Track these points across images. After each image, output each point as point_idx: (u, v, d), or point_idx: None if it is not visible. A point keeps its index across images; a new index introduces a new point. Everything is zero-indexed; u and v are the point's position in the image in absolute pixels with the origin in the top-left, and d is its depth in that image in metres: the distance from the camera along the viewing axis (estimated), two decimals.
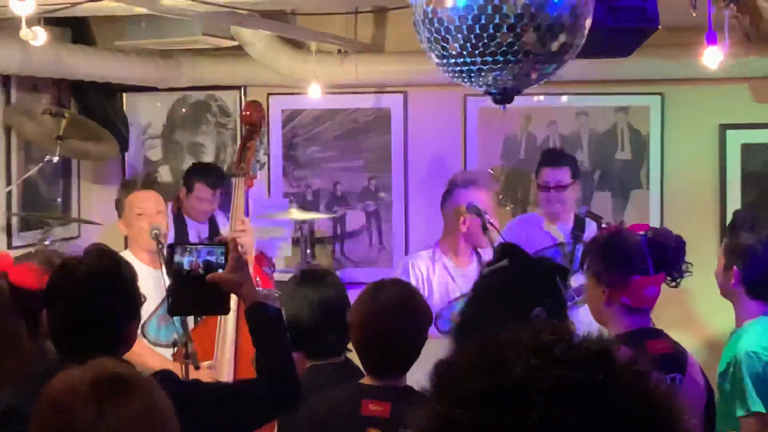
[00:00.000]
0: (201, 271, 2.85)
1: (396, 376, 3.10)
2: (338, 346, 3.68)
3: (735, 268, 3.78)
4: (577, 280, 5.10)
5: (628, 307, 3.21)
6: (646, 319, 3.27)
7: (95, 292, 2.61)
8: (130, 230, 4.71)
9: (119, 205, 4.76)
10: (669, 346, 3.23)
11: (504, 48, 2.79)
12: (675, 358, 3.21)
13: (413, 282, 4.69)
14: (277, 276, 5.92)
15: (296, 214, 6.10)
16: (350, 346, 3.68)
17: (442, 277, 4.76)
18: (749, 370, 3.61)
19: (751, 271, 3.75)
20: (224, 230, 5.81)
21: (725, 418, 3.61)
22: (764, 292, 3.78)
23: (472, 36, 2.79)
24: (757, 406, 3.57)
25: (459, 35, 2.81)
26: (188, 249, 2.89)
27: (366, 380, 3.16)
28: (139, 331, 2.86)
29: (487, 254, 4.87)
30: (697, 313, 6.11)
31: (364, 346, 3.16)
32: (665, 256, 3.23)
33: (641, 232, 3.32)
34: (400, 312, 3.11)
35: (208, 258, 2.86)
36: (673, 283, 3.33)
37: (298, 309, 3.60)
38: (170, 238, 5.44)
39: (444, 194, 5.03)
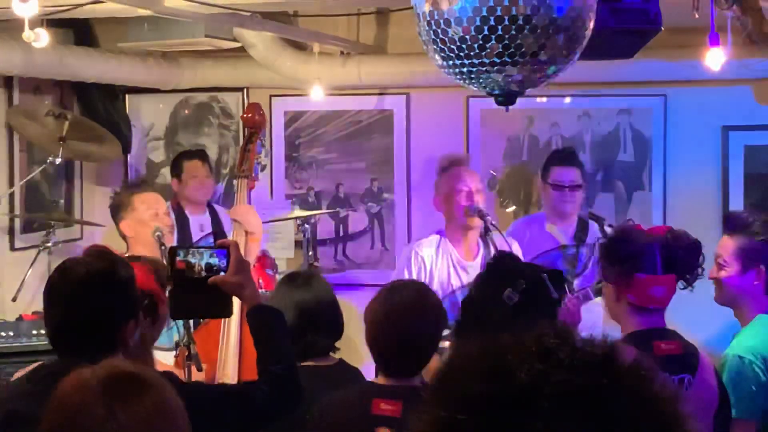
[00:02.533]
0: (203, 273, 2.84)
1: (409, 375, 3.11)
2: (324, 347, 3.71)
3: (762, 267, 3.73)
4: (581, 283, 5.10)
5: (636, 306, 3.20)
6: (656, 320, 3.25)
7: (91, 293, 2.61)
8: (140, 231, 4.64)
9: (121, 207, 4.70)
10: (677, 347, 3.21)
11: (506, 50, 2.79)
12: (684, 360, 3.20)
13: (414, 271, 4.70)
14: (280, 278, 5.93)
15: (299, 212, 6.13)
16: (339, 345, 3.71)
17: (445, 267, 4.74)
18: (730, 374, 3.57)
19: None
20: (225, 218, 5.81)
21: None
22: None
23: (475, 38, 2.79)
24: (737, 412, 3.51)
25: (461, 37, 2.81)
26: (191, 251, 2.89)
27: (379, 380, 3.18)
28: None
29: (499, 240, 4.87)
30: (699, 315, 6.09)
31: (378, 346, 3.17)
32: (675, 257, 3.22)
33: (660, 234, 3.31)
34: (415, 312, 3.13)
35: (211, 260, 2.85)
36: (686, 286, 3.32)
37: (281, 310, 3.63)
38: (175, 236, 5.44)
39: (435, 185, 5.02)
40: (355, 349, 5.60)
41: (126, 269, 2.72)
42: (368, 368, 5.43)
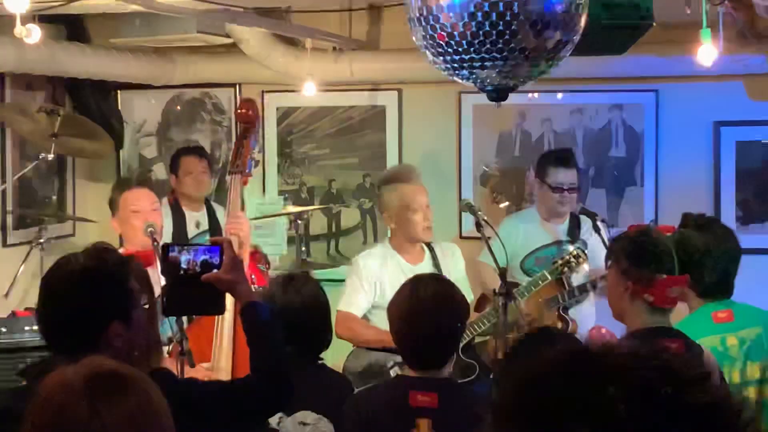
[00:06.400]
0: (197, 270, 2.84)
1: (438, 367, 3.16)
2: (305, 360, 3.67)
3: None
4: (574, 280, 5.12)
5: (650, 305, 3.24)
6: (665, 319, 3.30)
7: (77, 290, 2.59)
8: (124, 227, 4.70)
9: (113, 204, 4.74)
10: (680, 347, 3.23)
11: (498, 45, 2.80)
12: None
13: (364, 279, 4.77)
14: (272, 274, 5.92)
15: (291, 208, 6.13)
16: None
17: (395, 274, 4.77)
18: None
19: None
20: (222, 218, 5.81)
21: None
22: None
23: (467, 33, 2.79)
24: None
25: (453, 32, 2.82)
26: (185, 248, 2.89)
27: (409, 372, 3.21)
28: None
29: (445, 251, 4.92)
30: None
31: (406, 340, 3.22)
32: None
33: (668, 234, 3.35)
34: (440, 305, 3.17)
35: (204, 257, 2.85)
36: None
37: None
38: (168, 231, 5.44)
39: (380, 200, 5.07)
40: (345, 343, 5.59)
41: (119, 269, 2.68)
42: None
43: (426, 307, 3.17)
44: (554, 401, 1.00)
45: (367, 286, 4.82)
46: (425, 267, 4.88)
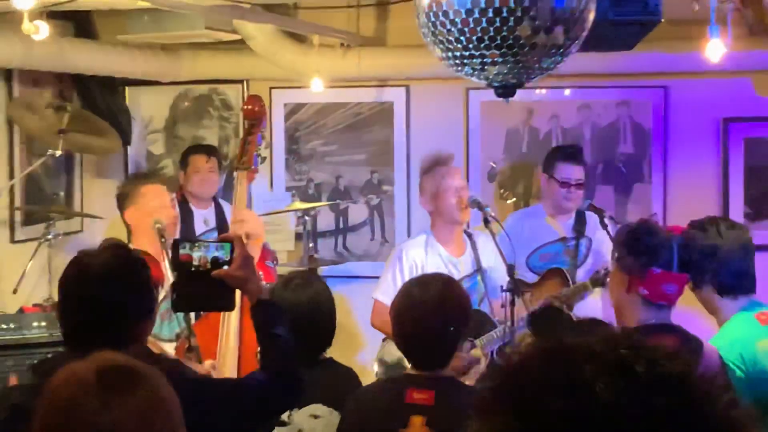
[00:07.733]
0: (208, 266, 2.84)
1: (439, 366, 3.17)
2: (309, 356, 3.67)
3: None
4: (579, 277, 5.12)
5: (646, 299, 3.22)
6: (662, 315, 3.26)
7: (106, 290, 2.60)
8: (144, 221, 4.61)
9: (125, 197, 4.66)
10: (675, 343, 3.21)
11: (506, 41, 2.80)
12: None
13: (407, 270, 4.74)
14: (280, 270, 5.93)
15: (298, 204, 6.13)
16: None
17: (435, 265, 4.78)
18: None
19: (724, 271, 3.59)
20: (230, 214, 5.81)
21: None
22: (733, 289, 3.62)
23: (475, 29, 2.79)
24: None
25: (461, 29, 2.82)
26: (195, 244, 2.89)
27: (411, 370, 3.22)
28: None
29: (482, 240, 4.90)
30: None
31: (404, 339, 3.22)
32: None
33: (677, 233, 3.34)
34: (437, 305, 3.17)
35: (215, 254, 2.85)
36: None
37: None
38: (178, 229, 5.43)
39: (420, 185, 5.05)
40: (354, 339, 5.62)
41: (143, 267, 2.71)
42: (364, 357, 5.44)
43: (426, 308, 3.17)
44: (533, 386, 1.02)
45: (409, 277, 4.74)
46: (466, 259, 4.87)
